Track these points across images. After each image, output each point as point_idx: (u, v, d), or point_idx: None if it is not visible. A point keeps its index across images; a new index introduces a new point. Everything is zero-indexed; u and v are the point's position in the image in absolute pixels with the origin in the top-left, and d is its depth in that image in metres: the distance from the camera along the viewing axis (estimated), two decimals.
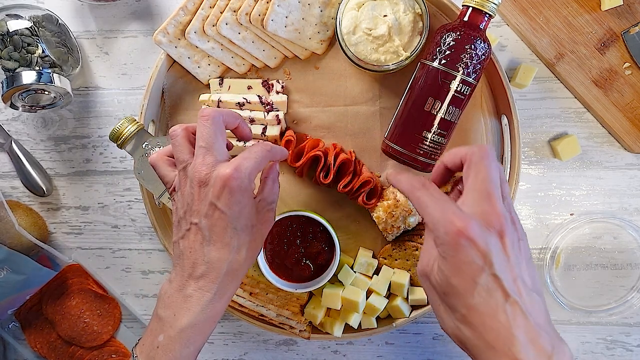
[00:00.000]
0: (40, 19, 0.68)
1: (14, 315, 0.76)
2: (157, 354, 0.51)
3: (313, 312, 0.69)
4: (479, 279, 0.45)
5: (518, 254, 0.47)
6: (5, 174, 0.76)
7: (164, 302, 0.52)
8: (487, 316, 0.44)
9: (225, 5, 0.67)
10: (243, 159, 0.52)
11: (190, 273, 0.52)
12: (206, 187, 0.51)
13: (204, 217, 0.51)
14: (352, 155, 0.69)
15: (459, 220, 0.45)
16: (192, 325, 0.51)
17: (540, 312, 0.46)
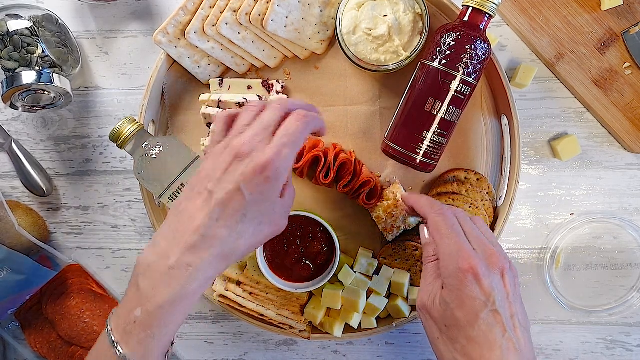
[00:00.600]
0: (40, 19, 0.68)
1: (14, 315, 0.76)
2: (134, 329, 0.47)
3: (313, 312, 0.69)
4: (481, 314, 0.48)
5: (514, 291, 0.52)
6: (5, 174, 0.76)
7: (143, 270, 0.48)
8: (486, 349, 0.48)
9: (225, 5, 0.67)
10: (282, 144, 0.48)
11: (181, 239, 0.47)
12: (240, 162, 0.48)
13: (224, 191, 0.47)
14: (352, 155, 0.69)
15: (470, 258, 0.49)
16: (172, 302, 0.47)
17: (529, 349, 0.50)
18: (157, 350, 0.48)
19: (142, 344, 0.47)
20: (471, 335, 0.48)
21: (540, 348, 0.75)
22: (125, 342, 0.47)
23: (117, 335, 0.48)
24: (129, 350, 0.47)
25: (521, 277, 0.75)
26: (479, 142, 0.71)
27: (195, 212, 0.48)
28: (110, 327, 0.49)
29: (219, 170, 0.48)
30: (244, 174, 0.47)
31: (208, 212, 0.47)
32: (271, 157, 0.47)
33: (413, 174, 0.71)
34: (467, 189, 0.69)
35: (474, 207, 0.69)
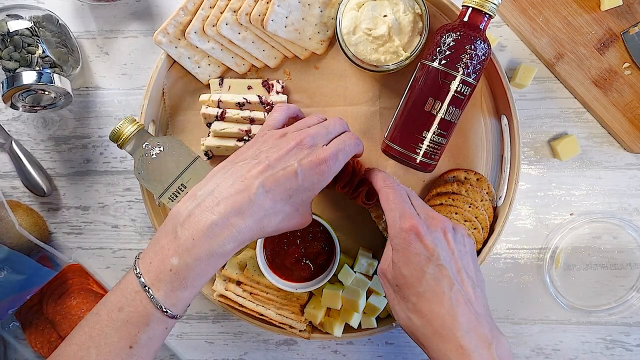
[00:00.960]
0: (40, 19, 0.68)
1: (14, 315, 0.77)
2: (169, 277, 0.48)
3: (313, 312, 0.69)
4: (426, 268, 0.51)
5: (462, 248, 0.55)
6: (6, 174, 0.76)
7: (183, 220, 0.49)
8: (434, 303, 0.50)
9: (225, 5, 0.67)
10: (339, 149, 0.54)
11: (229, 198, 0.49)
12: (301, 150, 0.53)
13: (283, 169, 0.51)
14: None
15: (412, 218, 0.53)
16: (209, 257, 0.49)
17: (480, 302, 0.52)
18: (186, 301, 0.50)
19: (174, 292, 0.49)
20: (419, 291, 0.51)
21: (540, 348, 0.75)
22: (156, 288, 0.48)
23: (148, 280, 0.49)
24: (161, 296, 0.48)
25: (521, 277, 0.75)
26: (479, 142, 0.71)
27: (250, 178, 0.50)
28: (140, 270, 0.49)
29: (280, 150, 0.53)
30: (304, 160, 0.52)
31: (262, 181, 0.50)
32: (330, 155, 0.53)
33: (413, 174, 0.71)
34: (466, 189, 0.69)
35: (473, 207, 0.69)
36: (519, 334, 0.75)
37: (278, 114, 0.60)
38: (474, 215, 0.69)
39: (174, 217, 0.50)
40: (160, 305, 0.49)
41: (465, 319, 0.50)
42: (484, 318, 0.51)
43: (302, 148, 0.53)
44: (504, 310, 0.75)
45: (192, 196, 0.51)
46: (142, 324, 0.49)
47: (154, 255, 0.50)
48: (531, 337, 0.75)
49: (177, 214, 0.50)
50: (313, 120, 0.59)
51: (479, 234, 0.69)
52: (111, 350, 0.48)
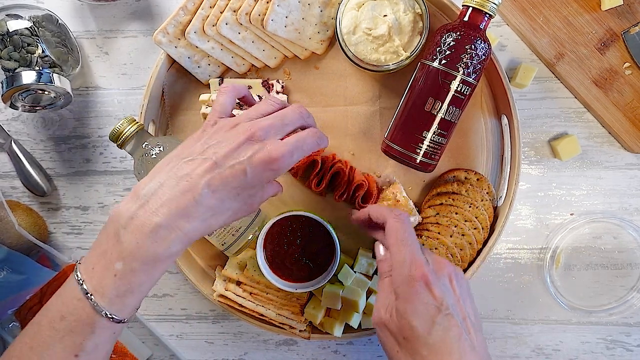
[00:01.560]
0: (40, 19, 0.68)
1: (14, 315, 0.76)
2: (113, 282, 0.46)
3: (313, 312, 0.69)
4: (436, 319, 0.49)
5: (463, 292, 0.53)
6: (5, 174, 0.76)
7: (125, 223, 0.47)
8: (444, 355, 0.48)
9: (225, 5, 0.67)
10: (296, 147, 0.50)
11: (173, 200, 0.47)
12: (251, 145, 0.49)
13: (230, 168, 0.48)
14: (346, 164, 0.69)
15: (422, 267, 0.50)
16: (156, 261, 0.47)
17: (484, 347, 0.51)
18: (132, 305, 0.48)
19: (120, 297, 0.47)
20: (429, 343, 0.48)
21: (540, 348, 0.75)
22: (100, 295, 0.46)
23: (91, 287, 0.47)
24: (105, 303, 0.46)
25: (521, 277, 0.75)
26: (479, 142, 0.71)
27: (196, 177, 0.48)
28: (81, 277, 0.47)
29: (229, 145, 0.49)
30: (255, 157, 0.49)
31: (208, 181, 0.48)
32: (284, 153, 0.49)
33: (413, 174, 0.71)
34: (467, 189, 0.69)
35: (474, 207, 0.69)
36: (519, 334, 0.75)
37: (224, 97, 0.54)
38: (474, 215, 0.69)
39: (115, 219, 0.47)
40: (105, 312, 0.47)
41: None
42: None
43: (253, 143, 0.49)
44: (504, 310, 0.75)
45: (134, 196, 0.48)
46: (86, 332, 0.47)
47: (97, 260, 0.47)
48: (531, 337, 0.75)
49: (118, 215, 0.47)
50: (267, 107, 0.53)
51: (479, 234, 0.69)
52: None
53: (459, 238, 0.69)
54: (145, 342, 0.77)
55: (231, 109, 0.55)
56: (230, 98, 0.55)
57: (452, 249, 0.69)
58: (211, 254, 0.73)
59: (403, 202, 0.68)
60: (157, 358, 0.78)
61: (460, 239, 0.69)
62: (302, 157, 0.52)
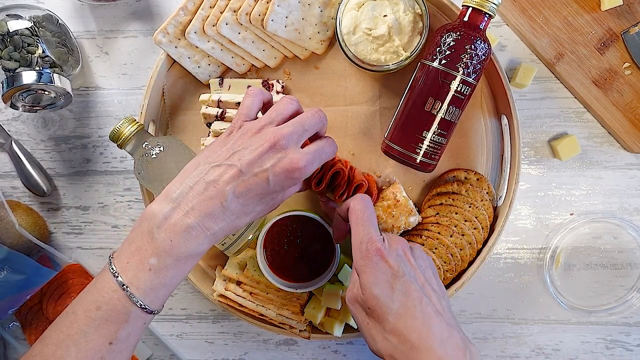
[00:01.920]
0: (40, 19, 0.68)
1: (14, 315, 0.77)
2: (147, 276, 0.50)
3: (313, 312, 0.69)
4: (395, 285, 0.52)
5: (422, 263, 0.56)
6: (6, 174, 0.76)
7: (159, 222, 0.51)
8: (408, 318, 0.50)
9: (225, 5, 0.67)
10: (316, 156, 0.54)
11: (203, 203, 0.51)
12: (275, 153, 0.52)
13: (254, 176, 0.51)
14: (346, 164, 0.69)
15: (376, 242, 0.54)
16: (187, 257, 0.51)
17: (448, 313, 0.53)
18: (164, 297, 0.52)
19: (154, 290, 0.51)
20: (393, 309, 0.51)
21: (540, 348, 0.75)
22: (135, 287, 0.50)
23: (126, 279, 0.50)
24: (140, 294, 0.50)
25: (521, 277, 0.75)
26: (479, 142, 0.71)
27: (222, 184, 0.51)
28: (116, 269, 0.51)
29: (252, 153, 0.52)
30: (277, 166, 0.52)
31: (233, 188, 0.51)
32: (305, 164, 0.52)
33: (413, 174, 0.71)
34: (467, 189, 0.69)
35: (473, 206, 0.69)
36: (519, 334, 0.75)
37: (251, 100, 0.57)
38: (474, 215, 0.69)
39: (149, 218, 0.51)
40: (139, 302, 0.50)
41: (438, 329, 0.50)
42: (455, 328, 0.52)
43: (276, 151, 0.52)
44: (504, 310, 0.75)
45: (166, 197, 0.52)
46: (121, 321, 0.50)
47: (131, 256, 0.51)
48: (531, 337, 0.75)
49: (152, 215, 0.51)
50: (287, 107, 0.56)
51: (479, 234, 0.69)
52: (91, 347, 0.49)
53: (459, 238, 0.69)
54: (145, 342, 0.77)
55: (257, 112, 0.57)
56: (257, 101, 0.57)
57: (452, 248, 0.69)
58: (211, 254, 0.73)
59: (403, 202, 0.68)
60: (157, 358, 0.78)
61: (460, 239, 0.69)
62: (320, 164, 0.55)
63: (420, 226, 0.70)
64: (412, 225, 0.69)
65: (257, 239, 0.66)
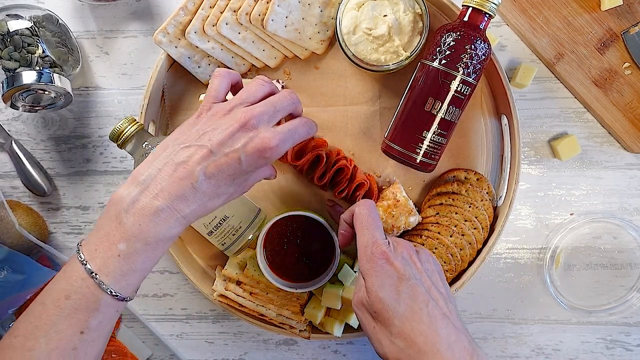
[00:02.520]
0: (40, 19, 0.68)
1: (14, 315, 0.77)
2: (117, 262, 0.49)
3: (313, 311, 0.69)
4: (401, 288, 0.51)
5: (429, 267, 0.56)
6: (6, 174, 0.76)
7: (127, 206, 0.49)
8: (414, 321, 0.50)
9: (225, 5, 0.67)
10: (288, 136, 0.52)
11: (172, 185, 0.49)
12: (245, 133, 0.50)
13: (225, 156, 0.50)
14: (351, 162, 0.69)
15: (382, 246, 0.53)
16: (157, 241, 0.49)
17: (455, 316, 0.53)
18: (135, 284, 0.51)
19: (124, 276, 0.49)
20: (399, 312, 0.50)
21: (540, 348, 0.75)
22: (104, 274, 0.49)
23: (95, 266, 0.49)
24: (110, 281, 0.49)
25: (521, 277, 0.75)
26: (479, 142, 0.71)
27: (192, 164, 0.50)
28: (84, 257, 0.49)
29: (222, 133, 0.50)
30: (249, 146, 0.50)
31: (204, 168, 0.50)
32: (277, 143, 0.51)
33: (413, 174, 0.71)
34: (467, 189, 0.69)
35: (473, 206, 0.69)
36: (519, 334, 0.75)
37: (219, 81, 0.55)
38: (474, 215, 0.69)
39: (116, 203, 0.50)
40: (109, 290, 0.49)
41: (445, 333, 0.50)
42: (462, 331, 0.52)
43: (247, 130, 0.51)
44: (504, 310, 0.75)
45: (134, 181, 0.51)
46: (91, 310, 0.49)
47: (99, 242, 0.49)
48: (531, 337, 0.75)
49: (119, 199, 0.50)
50: (258, 88, 0.54)
51: (479, 234, 0.69)
52: (61, 337, 0.48)
53: (459, 238, 0.69)
54: (145, 342, 0.77)
55: (225, 93, 0.56)
56: (225, 83, 0.56)
57: (452, 248, 0.69)
58: (211, 254, 0.73)
59: (403, 202, 0.68)
60: (157, 358, 0.78)
61: (460, 239, 0.69)
62: (294, 144, 0.54)
63: (420, 226, 0.70)
64: (412, 225, 0.69)
65: (257, 239, 0.66)
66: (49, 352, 0.48)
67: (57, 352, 0.48)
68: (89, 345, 0.50)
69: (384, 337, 0.52)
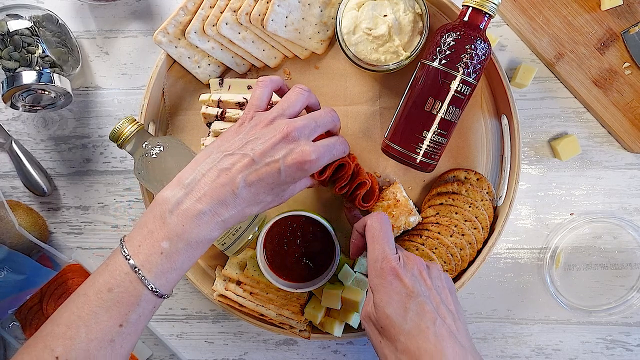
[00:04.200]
0: (40, 19, 0.68)
1: (14, 315, 0.77)
2: (159, 259, 0.50)
3: (313, 311, 0.69)
4: (408, 305, 0.52)
5: (439, 283, 0.56)
6: (6, 174, 0.76)
7: (172, 207, 0.51)
8: (421, 339, 0.50)
9: (225, 5, 0.67)
10: (327, 149, 0.54)
11: (215, 190, 0.51)
12: (287, 144, 0.52)
13: (266, 166, 0.52)
14: (353, 160, 0.69)
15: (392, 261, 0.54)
16: (198, 242, 0.51)
17: (464, 334, 0.53)
18: (174, 281, 0.52)
19: (165, 273, 0.51)
20: (405, 329, 0.51)
21: (540, 348, 0.75)
22: (147, 269, 0.50)
23: (138, 262, 0.50)
24: (152, 277, 0.50)
25: (521, 277, 0.75)
26: (479, 142, 0.71)
27: (235, 172, 0.52)
28: (128, 252, 0.51)
29: (266, 142, 0.52)
30: (289, 157, 0.52)
31: (245, 176, 0.52)
32: (316, 157, 0.53)
33: (413, 174, 0.71)
34: (467, 189, 0.69)
35: (473, 206, 0.69)
36: (519, 334, 0.75)
37: (261, 91, 0.57)
38: (474, 215, 0.69)
39: (161, 203, 0.52)
40: (150, 285, 0.50)
41: (451, 352, 0.50)
42: (469, 350, 0.52)
43: (288, 142, 0.52)
44: (504, 310, 0.75)
45: (178, 183, 0.52)
46: (132, 304, 0.50)
47: (143, 239, 0.51)
48: (531, 337, 0.75)
49: (164, 200, 0.52)
50: (298, 98, 0.56)
51: (479, 234, 0.69)
52: (101, 328, 0.49)
53: (459, 238, 0.69)
54: (145, 342, 0.77)
55: (267, 102, 0.58)
56: (267, 92, 0.58)
57: (452, 248, 0.69)
58: (211, 254, 0.73)
59: (403, 202, 0.68)
60: (157, 358, 0.78)
61: (460, 239, 0.69)
62: (330, 161, 0.56)
63: (420, 226, 0.70)
64: (412, 225, 0.69)
65: (257, 239, 0.66)
66: (88, 342, 0.49)
67: (95, 342, 0.49)
68: (125, 338, 0.51)
69: (389, 352, 0.52)
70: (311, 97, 0.58)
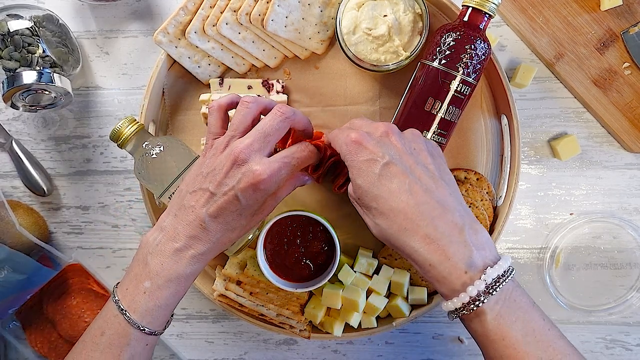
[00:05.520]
0: (40, 19, 0.68)
1: (14, 315, 0.77)
2: (143, 299, 0.53)
3: (313, 311, 0.69)
4: (375, 170, 0.50)
5: (416, 146, 0.54)
6: (6, 174, 0.77)
7: (152, 249, 0.54)
8: (392, 200, 0.50)
9: (225, 5, 0.67)
10: (282, 164, 0.53)
11: (186, 228, 0.54)
12: (238, 169, 0.52)
13: (223, 197, 0.53)
14: None
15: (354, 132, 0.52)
16: (178, 278, 0.53)
17: (446, 191, 0.51)
18: (162, 318, 0.55)
19: (149, 311, 0.53)
20: (376, 194, 0.50)
21: None
22: (132, 310, 0.53)
23: (125, 304, 0.53)
24: (137, 316, 0.53)
25: (521, 277, 0.75)
26: (479, 142, 0.71)
27: (198, 208, 0.54)
28: (117, 297, 0.54)
29: (219, 173, 0.53)
30: (241, 184, 0.52)
31: (209, 210, 0.53)
32: (270, 173, 0.52)
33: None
34: (466, 189, 0.69)
35: (473, 206, 0.69)
36: None
37: (211, 119, 0.57)
38: (474, 215, 0.69)
39: (143, 247, 0.55)
40: (137, 324, 0.53)
41: (426, 208, 0.49)
42: (452, 207, 0.50)
43: (239, 166, 0.52)
44: None
45: (158, 227, 0.55)
46: (123, 344, 0.53)
47: (129, 283, 0.54)
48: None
49: (146, 244, 0.55)
50: (247, 113, 0.55)
51: None
52: None
53: None
54: None
55: (221, 125, 0.57)
56: (217, 116, 0.57)
57: None
58: None
59: None
60: (157, 358, 0.78)
61: None
62: (294, 171, 0.55)
63: None
64: None
65: (257, 239, 0.66)
66: None
67: None
68: None
69: (369, 220, 0.52)
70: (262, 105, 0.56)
